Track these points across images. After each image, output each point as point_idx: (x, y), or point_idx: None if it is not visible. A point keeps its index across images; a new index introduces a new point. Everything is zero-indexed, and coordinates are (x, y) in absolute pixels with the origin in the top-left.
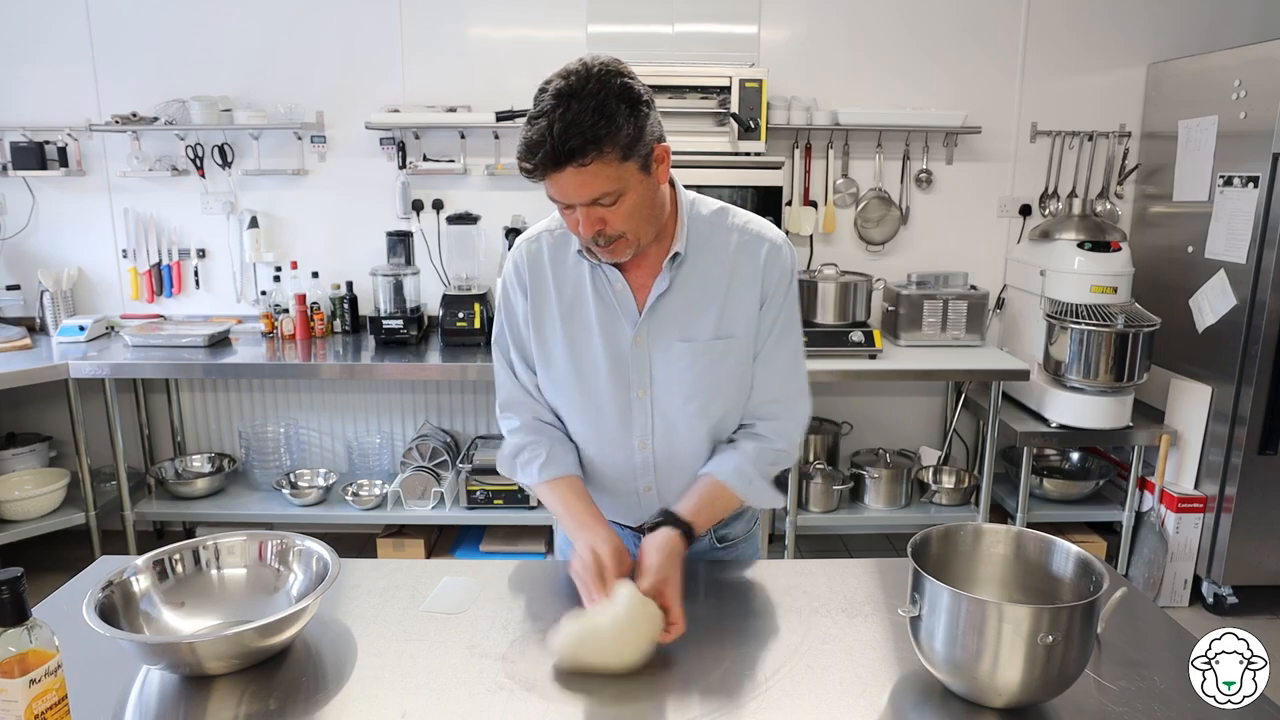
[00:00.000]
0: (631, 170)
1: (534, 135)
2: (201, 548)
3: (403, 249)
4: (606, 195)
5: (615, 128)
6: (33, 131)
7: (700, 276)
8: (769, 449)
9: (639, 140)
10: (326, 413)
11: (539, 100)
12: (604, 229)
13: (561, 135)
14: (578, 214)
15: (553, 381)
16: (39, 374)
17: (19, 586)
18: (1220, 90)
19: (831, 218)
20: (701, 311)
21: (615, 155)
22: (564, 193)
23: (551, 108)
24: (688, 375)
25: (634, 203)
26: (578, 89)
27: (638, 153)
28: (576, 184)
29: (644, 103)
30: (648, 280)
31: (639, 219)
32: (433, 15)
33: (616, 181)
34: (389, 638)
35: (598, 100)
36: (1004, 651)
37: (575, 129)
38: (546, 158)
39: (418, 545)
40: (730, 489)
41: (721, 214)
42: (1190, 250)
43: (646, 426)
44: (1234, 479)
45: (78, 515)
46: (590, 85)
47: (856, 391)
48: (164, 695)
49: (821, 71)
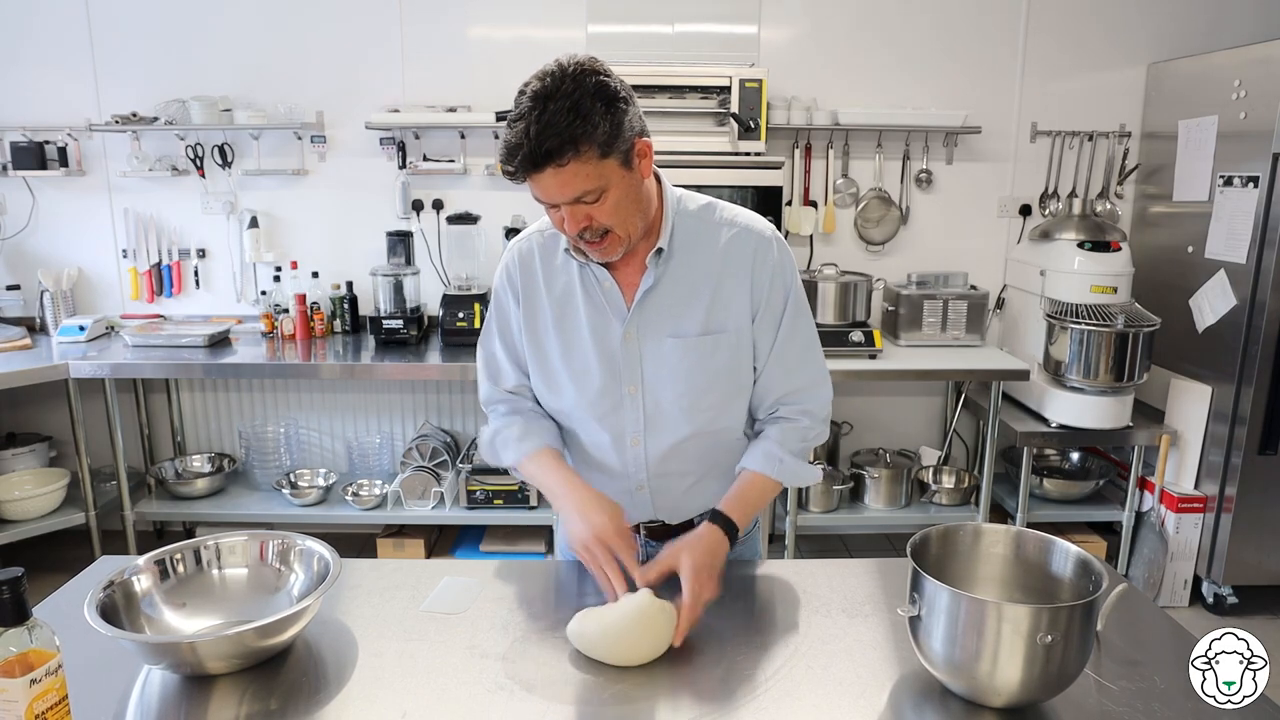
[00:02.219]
0: (612, 167)
1: (512, 138)
2: (202, 547)
3: (403, 249)
4: (588, 193)
5: (591, 126)
6: (33, 131)
7: (688, 271)
8: (794, 427)
9: (617, 137)
10: (326, 413)
11: (518, 103)
12: (590, 224)
13: (538, 137)
14: (562, 212)
15: (547, 381)
16: (39, 374)
17: (19, 586)
18: (1220, 90)
19: (831, 218)
20: (690, 307)
21: (594, 153)
22: (546, 193)
23: (528, 110)
24: (678, 370)
25: (617, 198)
26: (553, 90)
27: (617, 149)
28: (557, 184)
29: (620, 99)
30: (635, 277)
31: (625, 214)
32: (433, 15)
33: (597, 179)
34: (389, 638)
35: (573, 100)
36: (1003, 651)
37: (551, 130)
38: (525, 160)
39: (418, 545)
40: (762, 474)
41: (709, 209)
42: (1190, 250)
43: (638, 422)
44: (1234, 479)
45: (78, 515)
46: (565, 85)
47: (856, 391)
48: (165, 695)
49: (821, 71)
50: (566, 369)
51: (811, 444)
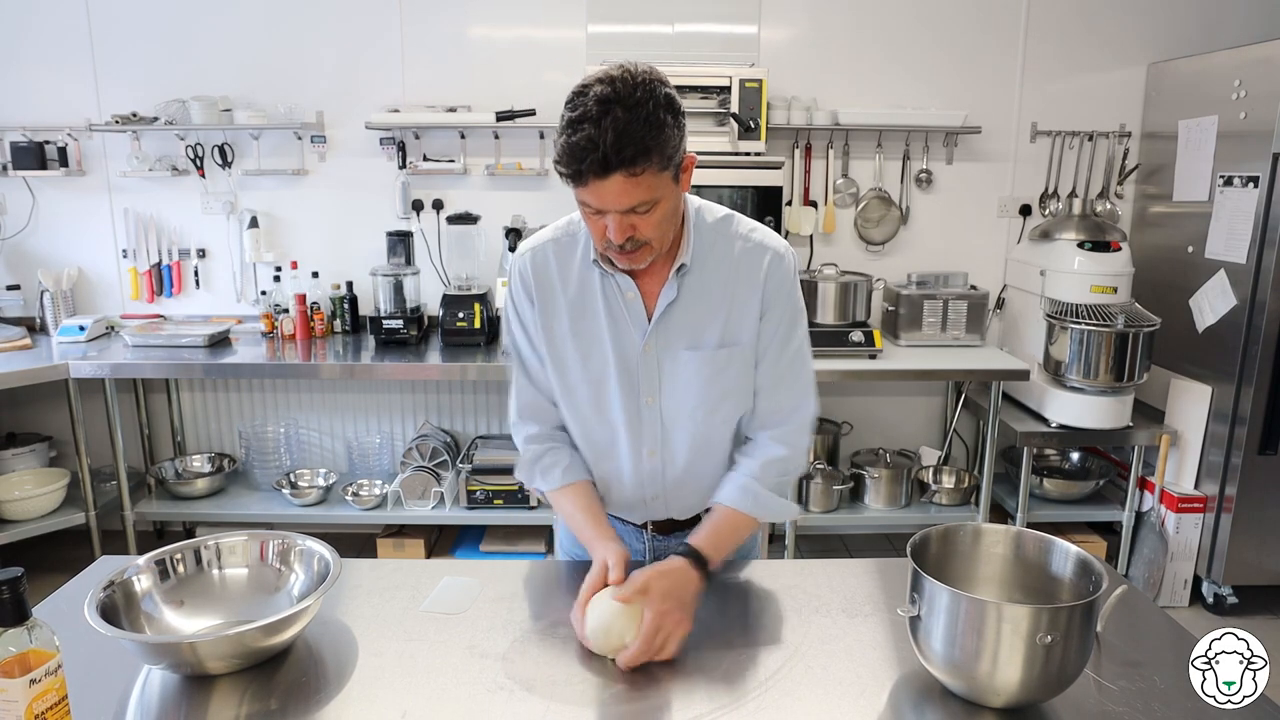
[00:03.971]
0: (667, 180)
1: (582, 141)
2: (203, 547)
3: (403, 249)
4: (644, 204)
5: (664, 138)
6: (33, 131)
7: (705, 285)
8: (774, 460)
9: (678, 151)
10: (326, 413)
11: (578, 104)
12: (634, 235)
13: (615, 143)
14: (609, 220)
15: (563, 388)
16: (39, 374)
17: (19, 586)
18: (1220, 90)
19: (831, 218)
20: (708, 320)
21: (659, 165)
22: (603, 199)
23: (599, 114)
24: (695, 383)
25: (664, 211)
26: (624, 96)
27: (674, 163)
28: (619, 192)
29: (682, 114)
30: (656, 288)
31: (666, 227)
32: (433, 15)
33: (656, 190)
34: (389, 638)
35: (647, 110)
36: (1003, 651)
37: (629, 138)
38: (596, 164)
39: (418, 545)
40: (739, 510)
41: (726, 221)
42: (1190, 250)
43: (655, 435)
44: (1234, 479)
45: (78, 515)
46: (638, 94)
47: (856, 391)
48: (165, 695)
49: (821, 71)
50: (584, 376)
51: (791, 476)
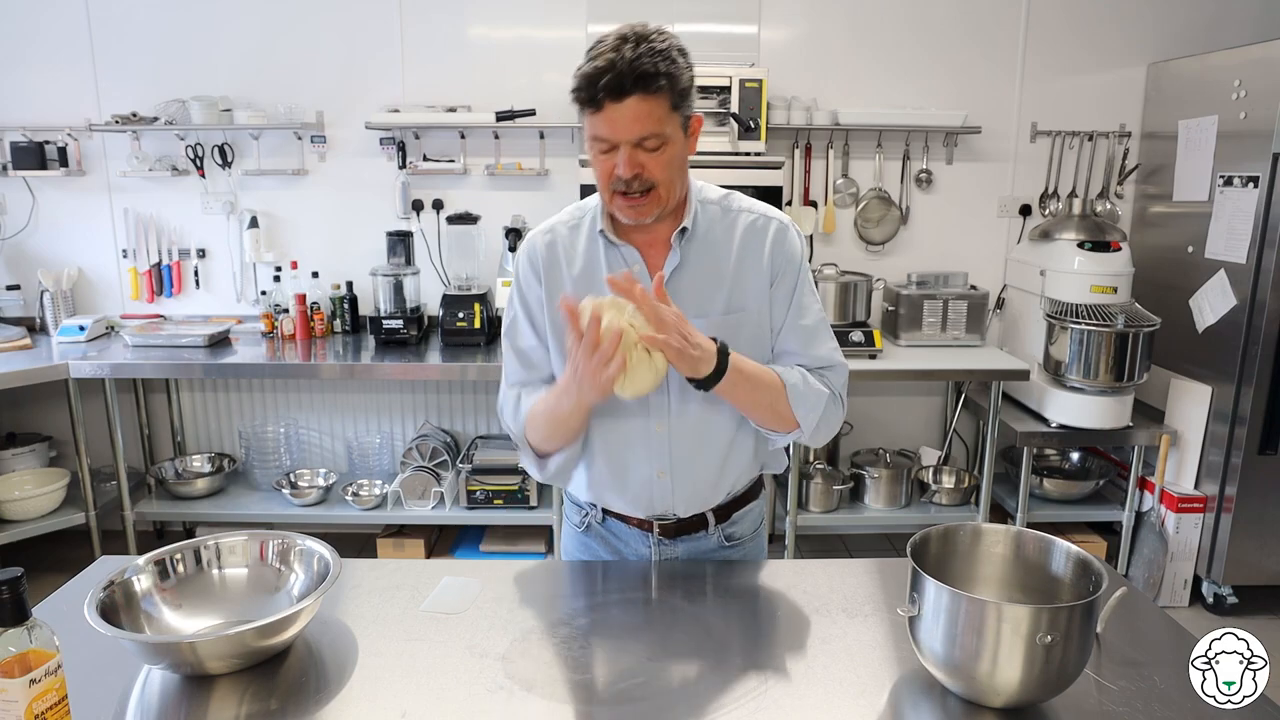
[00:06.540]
0: (676, 124)
1: (600, 63)
2: (203, 547)
3: (403, 249)
4: (654, 136)
5: (677, 69)
6: (33, 131)
7: (710, 255)
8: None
9: (688, 96)
10: (326, 413)
11: (599, 44)
12: (642, 173)
13: (632, 62)
14: (620, 154)
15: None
16: (39, 374)
17: (19, 586)
18: (1220, 90)
19: (831, 218)
20: (713, 288)
21: (671, 99)
22: (615, 126)
23: (617, 44)
24: None
25: (671, 155)
26: (642, 34)
27: (684, 109)
28: (632, 117)
29: (691, 65)
30: (660, 259)
31: (673, 173)
32: (433, 15)
33: (665, 124)
34: (389, 638)
35: (663, 46)
36: (1003, 651)
37: (645, 61)
38: (611, 83)
39: (418, 545)
40: (781, 378)
41: (727, 199)
42: (1190, 250)
43: (663, 406)
44: (1234, 479)
45: (78, 515)
46: (653, 34)
47: (856, 391)
48: (165, 695)
49: (821, 71)
50: None
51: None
